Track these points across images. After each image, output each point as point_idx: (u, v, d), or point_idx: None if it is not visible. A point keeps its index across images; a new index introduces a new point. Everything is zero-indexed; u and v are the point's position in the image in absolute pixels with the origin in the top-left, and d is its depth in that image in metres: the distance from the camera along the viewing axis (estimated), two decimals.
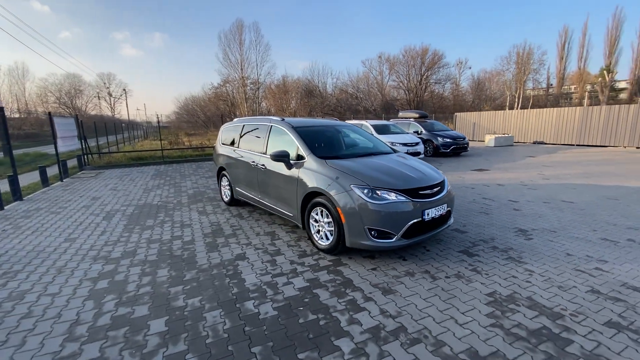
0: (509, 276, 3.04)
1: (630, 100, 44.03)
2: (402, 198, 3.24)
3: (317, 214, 3.69)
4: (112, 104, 61.25)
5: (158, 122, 14.79)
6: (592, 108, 15.27)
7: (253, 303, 2.66)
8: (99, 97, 57.99)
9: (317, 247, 3.72)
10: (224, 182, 5.93)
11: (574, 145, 16.08)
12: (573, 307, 2.52)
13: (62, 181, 8.69)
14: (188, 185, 7.84)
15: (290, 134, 4.26)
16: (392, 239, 3.21)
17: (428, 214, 3.35)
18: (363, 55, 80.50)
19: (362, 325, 2.34)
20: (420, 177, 3.59)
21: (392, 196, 3.23)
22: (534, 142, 17.75)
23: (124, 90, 60.32)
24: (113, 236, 4.33)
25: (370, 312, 2.50)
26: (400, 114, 16.01)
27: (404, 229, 3.21)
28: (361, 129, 5.19)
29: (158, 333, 2.29)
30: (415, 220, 3.25)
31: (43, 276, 3.19)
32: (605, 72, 46.17)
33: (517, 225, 4.49)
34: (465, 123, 21.48)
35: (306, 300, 2.69)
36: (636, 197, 5.92)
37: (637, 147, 13.87)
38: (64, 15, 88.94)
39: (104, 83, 59.79)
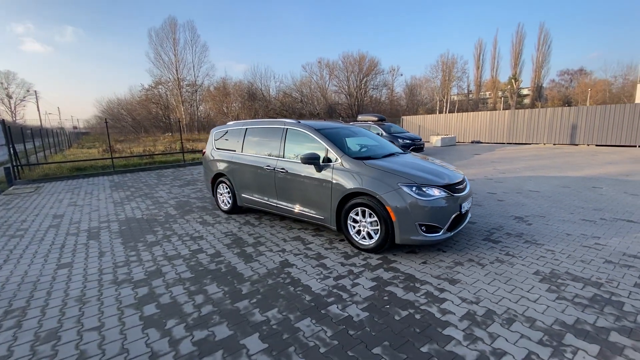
0: (538, 257, 3.46)
1: (532, 105, 52.38)
2: (444, 193, 3.47)
3: (356, 215, 3.73)
4: (13, 108, 52.20)
5: (107, 127, 13.08)
6: (517, 111, 17.84)
7: (337, 307, 2.61)
8: None
9: (357, 248, 3.75)
10: (222, 189, 5.58)
11: (504, 143, 18.57)
12: (604, 276, 3.00)
13: None
14: (164, 196, 7.14)
15: (314, 136, 4.22)
16: (439, 232, 3.41)
17: (463, 207, 3.64)
18: (304, 60, 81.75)
19: (455, 314, 2.47)
20: (449, 173, 3.88)
21: (436, 192, 3.44)
22: (472, 142, 20.02)
23: (28, 91, 51.87)
24: (118, 257, 3.78)
25: (453, 302, 2.64)
26: (360, 117, 16.69)
27: (449, 222, 3.44)
28: (369, 131, 5.36)
29: (262, 350, 2.12)
30: (456, 214, 3.51)
31: (65, 309, 2.68)
32: (513, 80, 54.10)
33: (511, 213, 5.09)
34: (411, 125, 23.25)
35: (386, 298, 2.73)
36: (581, 184, 7.13)
37: (554, 144, 16.61)
38: None
39: (1, 83, 50.70)
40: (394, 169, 3.65)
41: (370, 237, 3.65)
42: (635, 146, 14.50)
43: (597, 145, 15.52)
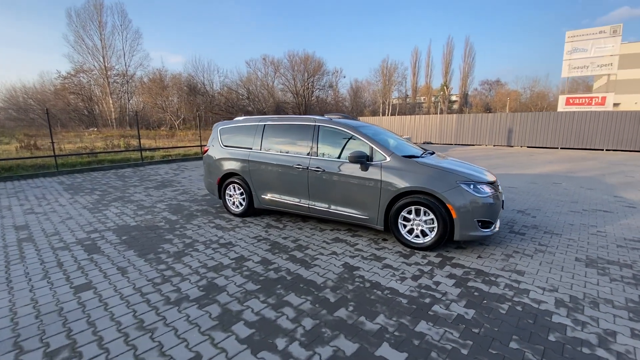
0: (567, 245, 3.89)
1: (460, 110, 58.69)
2: (493, 190, 3.69)
3: (408, 213, 3.74)
4: None
5: (48, 118, 10.99)
6: (463, 115, 19.78)
7: (440, 307, 2.59)
8: None
9: (409, 246, 3.78)
10: (233, 190, 5.13)
11: (452, 144, 20.44)
12: (627, 258, 3.50)
13: None
14: (145, 199, 6.30)
15: (356, 134, 4.12)
16: (491, 227, 3.61)
17: (503, 202, 3.91)
18: (249, 56, 79.13)
19: (547, 302, 2.64)
20: (485, 171, 4.13)
21: (487, 189, 3.64)
22: (424, 142, 21.62)
23: None
24: (146, 272, 3.22)
25: (536, 292, 2.82)
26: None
27: (498, 216, 3.67)
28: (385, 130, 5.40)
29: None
30: (501, 209, 3.76)
31: (131, 341, 2.18)
32: (445, 87, 59.83)
33: (512, 207, 5.63)
34: None
35: (476, 294, 2.79)
36: (543, 181, 8.21)
37: (494, 145, 18.82)
38: None
39: None
40: (446, 167, 3.76)
41: (425, 235, 3.70)
42: (558, 148, 17.24)
43: (528, 147, 18.06)
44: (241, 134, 5.14)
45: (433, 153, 4.67)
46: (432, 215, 3.60)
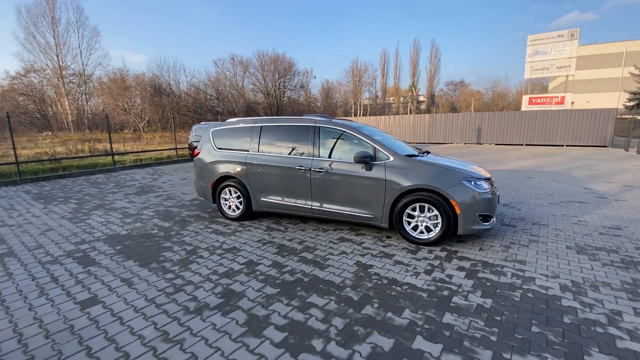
0: (555, 234, 4.19)
1: (428, 110, 61.06)
2: (490, 186, 3.90)
3: (412, 211, 3.86)
4: None
5: (9, 123, 10.07)
6: (436, 115, 20.61)
7: (460, 298, 2.70)
8: None
9: (414, 242, 3.89)
10: (229, 194, 5.00)
11: (426, 143, 21.22)
12: (612, 244, 3.83)
13: None
14: (128, 206, 5.98)
15: (358, 135, 4.18)
16: (490, 221, 3.82)
17: (499, 197, 4.14)
18: (217, 55, 77.18)
19: (553, 288, 2.84)
20: (479, 168, 4.35)
21: (486, 185, 3.84)
22: None
23: None
24: (154, 282, 3.07)
25: (540, 279, 3.02)
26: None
27: (496, 210, 3.89)
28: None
29: (443, 350, 2.07)
30: (497, 203, 3.98)
31: (161, 354, 2.08)
32: (413, 88, 61.90)
33: None
34: None
35: (488, 284, 2.94)
36: (518, 175, 8.76)
37: (464, 143, 19.76)
38: None
39: None
40: (445, 165, 3.91)
41: (429, 231, 3.83)
42: (523, 144, 18.45)
43: (496, 144, 19.16)
44: (236, 136, 5.03)
45: (429, 152, 4.83)
46: (436, 212, 3.73)
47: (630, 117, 16.44)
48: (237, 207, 4.99)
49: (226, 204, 5.08)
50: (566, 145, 17.60)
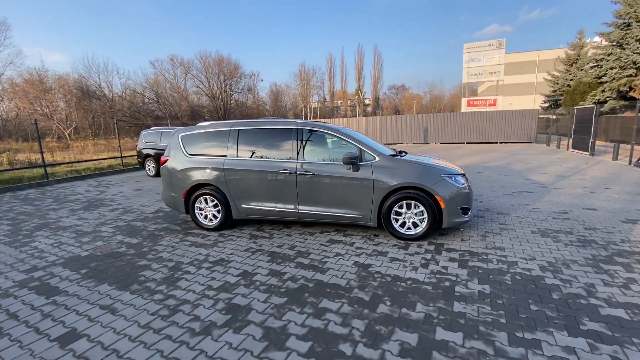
0: (519, 222, 4.67)
1: (374, 113, 64.06)
2: (466, 181, 4.21)
3: (399, 208, 4.01)
4: None
5: None
6: (386, 117, 21.68)
7: (461, 287, 2.86)
8: None
9: (403, 238, 4.03)
10: (205, 203, 4.69)
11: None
12: (564, 227, 4.38)
13: None
14: (80, 224, 5.29)
15: (342, 137, 4.23)
16: (469, 213, 4.12)
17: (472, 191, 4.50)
18: (155, 56, 72.00)
19: (535, 269, 3.16)
20: (451, 165, 4.68)
21: (462, 180, 4.14)
22: None
23: None
24: (145, 306, 2.75)
25: (521, 263, 3.34)
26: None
27: (472, 203, 4.21)
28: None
29: (459, 337, 2.18)
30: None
31: None
32: (359, 91, 64.38)
33: None
34: None
35: (481, 272, 3.17)
36: (470, 170, 9.58)
37: (413, 143, 21.09)
38: None
39: None
40: (426, 163, 4.14)
41: (416, 227, 4.00)
42: (464, 143, 20.28)
43: (442, 143, 20.79)
44: (210, 140, 4.74)
45: (406, 152, 5.06)
46: (422, 208, 3.92)
47: (548, 117, 19.07)
48: (215, 216, 4.69)
49: (202, 214, 4.75)
50: (500, 142, 19.78)
